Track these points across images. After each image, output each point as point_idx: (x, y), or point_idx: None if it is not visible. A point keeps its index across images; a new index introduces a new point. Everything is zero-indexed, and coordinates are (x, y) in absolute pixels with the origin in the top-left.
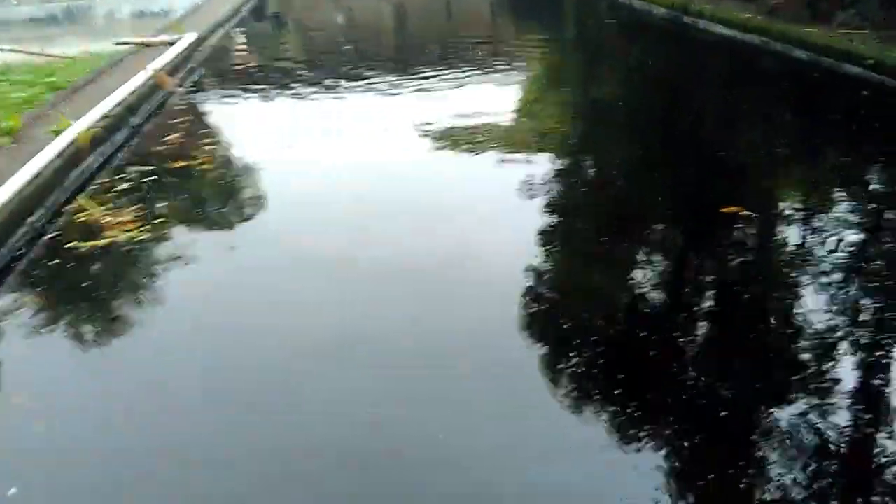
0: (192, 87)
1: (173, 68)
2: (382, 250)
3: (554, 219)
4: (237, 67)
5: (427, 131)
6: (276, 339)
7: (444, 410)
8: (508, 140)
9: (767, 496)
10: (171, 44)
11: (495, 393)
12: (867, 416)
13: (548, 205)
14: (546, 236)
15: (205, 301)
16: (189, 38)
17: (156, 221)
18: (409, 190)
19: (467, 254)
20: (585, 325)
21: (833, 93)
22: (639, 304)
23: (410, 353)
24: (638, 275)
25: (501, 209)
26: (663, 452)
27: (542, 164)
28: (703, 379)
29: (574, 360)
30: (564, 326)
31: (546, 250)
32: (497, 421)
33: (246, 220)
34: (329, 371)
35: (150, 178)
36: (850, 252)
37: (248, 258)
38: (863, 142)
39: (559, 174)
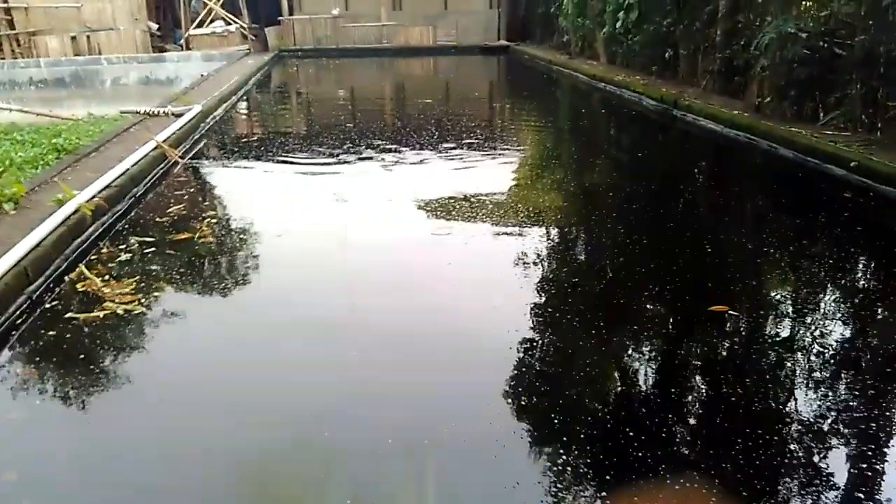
0: (195, 158)
1: (178, 140)
2: (381, 322)
3: (543, 301)
4: (241, 140)
5: (426, 206)
6: (269, 423)
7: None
8: (500, 217)
9: None
10: (177, 115)
11: (478, 470)
12: None
13: (537, 286)
14: (535, 318)
15: (198, 379)
16: (194, 109)
17: (155, 294)
18: (408, 262)
19: (459, 326)
20: (570, 414)
21: (817, 193)
22: (625, 395)
23: (397, 424)
24: (625, 365)
25: (493, 284)
26: None
27: (535, 245)
28: (688, 478)
29: (559, 451)
30: (550, 414)
31: (534, 332)
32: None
33: (245, 296)
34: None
35: (151, 250)
36: (832, 352)
37: (245, 337)
38: (846, 243)
39: (550, 257)
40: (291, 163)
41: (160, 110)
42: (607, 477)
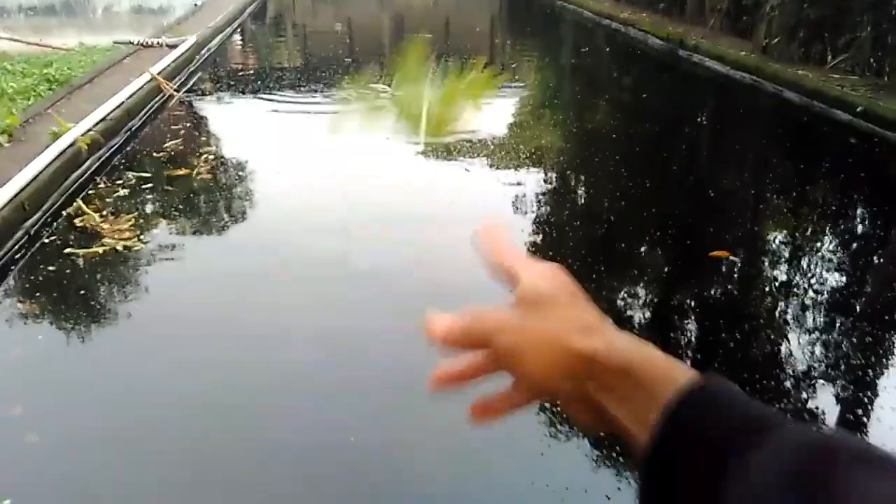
0: (190, 91)
1: (173, 72)
2: (377, 257)
3: (540, 241)
4: (237, 73)
5: (425, 144)
6: (266, 357)
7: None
8: (498, 156)
9: None
10: (171, 46)
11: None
12: None
13: (535, 225)
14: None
15: (197, 314)
16: (189, 41)
17: (153, 231)
18: (402, 200)
19: (451, 264)
20: None
21: (822, 138)
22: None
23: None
24: (624, 308)
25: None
26: None
27: (532, 183)
28: None
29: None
30: None
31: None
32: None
33: (243, 232)
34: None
35: (149, 186)
36: (833, 297)
37: (243, 273)
38: (850, 190)
39: (548, 196)
40: (288, 97)
41: (154, 41)
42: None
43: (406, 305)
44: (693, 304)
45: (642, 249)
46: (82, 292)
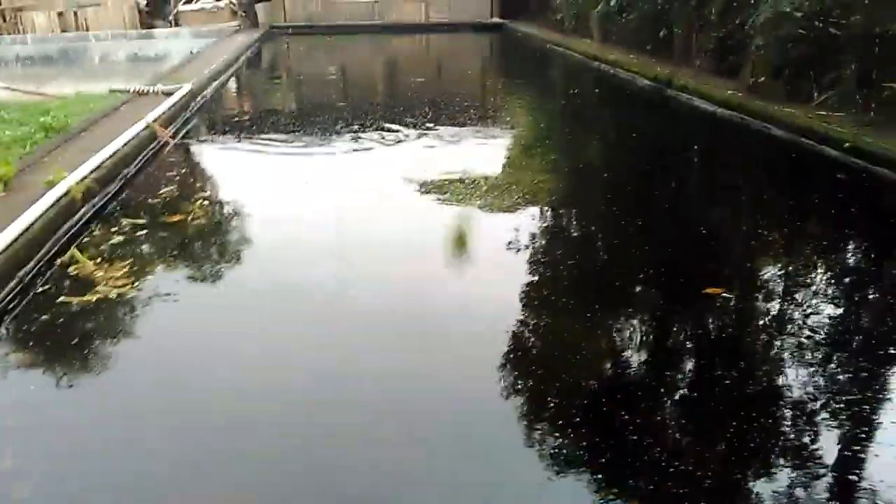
0: (186, 138)
1: (168, 119)
2: (372, 302)
3: (534, 281)
4: (232, 119)
5: (416, 186)
6: (265, 409)
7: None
8: (494, 198)
9: None
10: (167, 94)
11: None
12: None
13: (529, 265)
14: (526, 298)
15: (193, 363)
16: (185, 88)
17: (148, 277)
18: (398, 244)
19: (447, 304)
20: (561, 397)
21: (810, 174)
22: (617, 378)
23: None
24: (618, 348)
25: (486, 262)
26: None
27: (529, 224)
28: (679, 463)
29: (550, 436)
30: (541, 398)
31: (525, 312)
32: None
33: (239, 278)
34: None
35: (143, 232)
36: (826, 334)
37: (239, 320)
38: (839, 225)
39: (542, 237)
40: (284, 142)
41: (150, 89)
42: (601, 460)
43: (403, 346)
44: (689, 341)
45: (634, 287)
46: (76, 341)
